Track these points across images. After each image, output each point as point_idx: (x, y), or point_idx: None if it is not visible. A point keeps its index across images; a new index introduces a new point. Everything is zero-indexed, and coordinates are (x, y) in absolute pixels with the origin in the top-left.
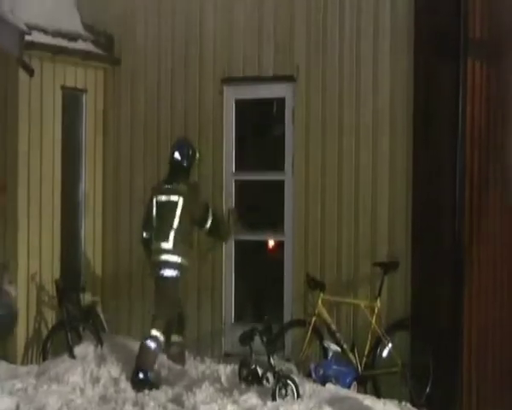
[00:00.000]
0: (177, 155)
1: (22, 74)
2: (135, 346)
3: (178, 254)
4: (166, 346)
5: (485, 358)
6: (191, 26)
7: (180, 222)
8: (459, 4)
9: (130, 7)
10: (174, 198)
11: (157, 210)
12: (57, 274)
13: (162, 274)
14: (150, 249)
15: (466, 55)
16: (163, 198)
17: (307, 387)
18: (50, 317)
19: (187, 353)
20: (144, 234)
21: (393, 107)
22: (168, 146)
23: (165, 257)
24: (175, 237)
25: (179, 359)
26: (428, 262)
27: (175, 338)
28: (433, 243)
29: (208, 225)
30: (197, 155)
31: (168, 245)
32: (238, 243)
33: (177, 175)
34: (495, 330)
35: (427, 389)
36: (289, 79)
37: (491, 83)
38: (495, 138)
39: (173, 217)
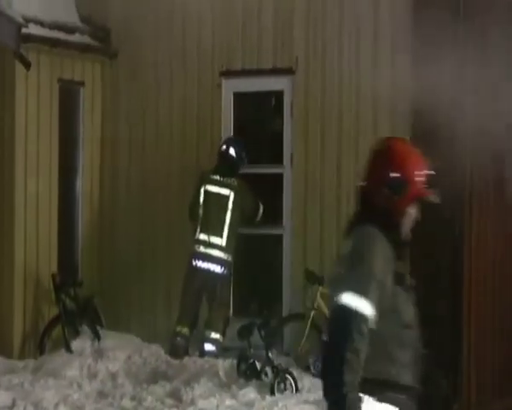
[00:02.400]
0: (232, 151)
1: (19, 67)
2: (133, 340)
3: (229, 252)
4: (173, 336)
5: (485, 353)
6: (189, 19)
7: (232, 217)
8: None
9: (128, 2)
10: (225, 192)
11: (205, 200)
12: (54, 268)
13: (209, 269)
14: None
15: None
16: (213, 189)
17: (306, 381)
18: (47, 311)
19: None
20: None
21: (393, 101)
22: (167, 139)
23: (216, 253)
24: (228, 233)
25: (180, 352)
26: (425, 257)
27: (212, 334)
28: (429, 238)
29: (259, 218)
30: (246, 159)
31: (221, 241)
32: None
33: (227, 170)
34: (496, 325)
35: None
36: (288, 71)
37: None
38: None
39: (225, 211)
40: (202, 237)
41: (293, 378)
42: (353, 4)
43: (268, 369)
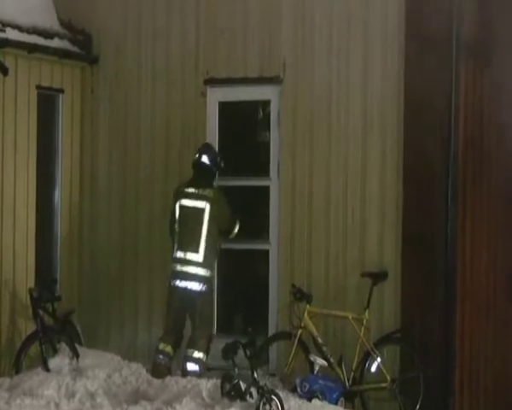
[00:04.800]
0: (205, 158)
1: None
2: (113, 358)
3: (208, 268)
4: (155, 354)
5: (478, 372)
6: (173, 24)
7: (209, 230)
8: (451, 9)
9: (109, 3)
10: (200, 204)
11: (180, 216)
12: (31, 282)
13: (186, 287)
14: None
15: (459, 58)
16: (188, 203)
17: (292, 402)
18: (24, 327)
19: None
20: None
21: (383, 111)
22: (149, 149)
23: (194, 270)
24: (205, 248)
25: (162, 371)
26: (419, 273)
27: (194, 353)
28: (424, 253)
29: (235, 233)
30: (222, 163)
31: (198, 257)
32: (221, 252)
33: (203, 180)
34: (489, 343)
35: (418, 406)
36: (275, 80)
37: (485, 86)
38: (488, 144)
39: (201, 225)
40: (179, 254)
41: (279, 400)
42: (342, 11)
43: (253, 390)
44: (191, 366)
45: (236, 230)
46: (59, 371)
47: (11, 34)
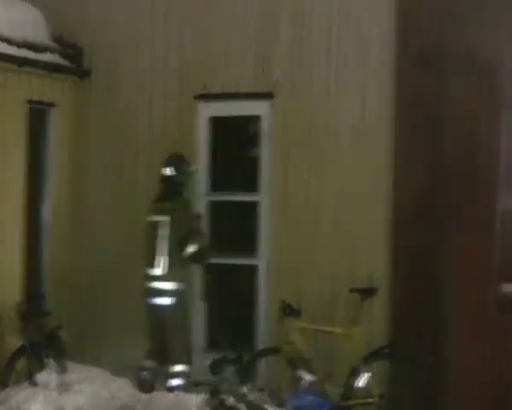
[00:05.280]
0: (167, 170)
1: None
2: (100, 374)
3: (174, 281)
4: (139, 370)
5: (472, 389)
6: (166, 38)
7: (170, 242)
8: (441, 23)
9: (100, 17)
10: (162, 218)
11: (146, 232)
12: (19, 297)
13: (156, 303)
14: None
15: (448, 71)
16: (152, 219)
17: None
18: (11, 342)
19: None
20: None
21: (376, 127)
22: (141, 164)
23: (159, 285)
24: (169, 260)
25: (146, 386)
26: (409, 288)
27: (175, 368)
28: (414, 268)
29: (189, 251)
30: (193, 167)
31: (160, 271)
32: (209, 267)
33: (168, 192)
34: (483, 358)
35: None
36: (267, 96)
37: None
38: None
39: (162, 238)
40: (146, 271)
41: None
42: (337, 27)
43: (241, 405)
44: (174, 382)
45: (190, 250)
46: (46, 386)
47: (0, 47)
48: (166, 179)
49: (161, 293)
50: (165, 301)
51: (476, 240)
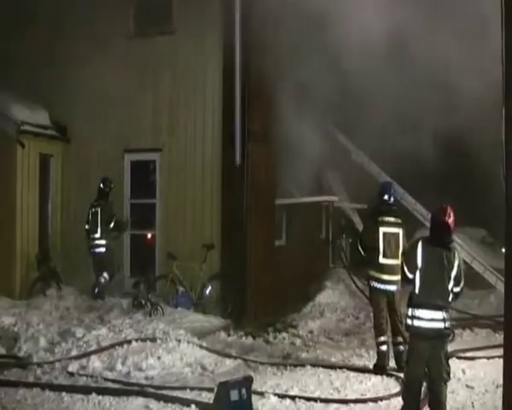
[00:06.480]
0: (101, 185)
1: (18, 148)
2: (80, 292)
3: (104, 239)
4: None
5: (262, 293)
6: (106, 128)
7: (101, 221)
8: (244, 108)
9: (76, 111)
10: (97, 209)
11: (91, 217)
12: (36, 250)
13: (95, 251)
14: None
15: (248, 141)
16: (92, 209)
17: (168, 310)
18: (33, 274)
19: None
20: (86, 226)
21: (211, 173)
22: (92, 183)
23: (97, 241)
24: (101, 230)
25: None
26: (229, 246)
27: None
28: (232, 236)
29: (111, 225)
30: (112, 185)
31: (97, 234)
32: (131, 235)
33: (101, 196)
34: (269, 281)
35: (229, 309)
36: (159, 150)
37: (267, 158)
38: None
39: (98, 217)
40: (90, 235)
41: (161, 308)
42: (190, 113)
43: (148, 303)
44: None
45: (111, 224)
46: (51, 297)
47: (26, 127)
48: (100, 189)
49: (98, 246)
50: (100, 249)
51: (260, 221)
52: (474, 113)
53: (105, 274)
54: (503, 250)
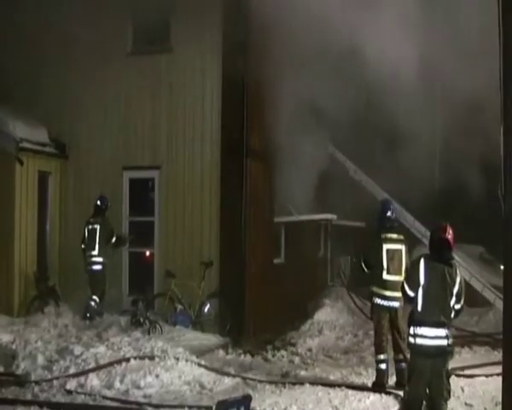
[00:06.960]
0: (98, 202)
1: (17, 165)
2: (77, 309)
3: (101, 257)
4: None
5: (261, 310)
6: (105, 144)
7: (100, 238)
8: (243, 125)
9: (74, 129)
10: (96, 226)
11: (89, 233)
12: (35, 268)
13: (92, 268)
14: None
15: (247, 158)
16: (89, 227)
17: (166, 328)
18: (32, 292)
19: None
20: (82, 246)
21: (211, 192)
22: (90, 200)
23: (94, 259)
24: (99, 247)
25: (98, 315)
26: (228, 264)
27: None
28: (231, 254)
29: (113, 241)
30: (109, 203)
31: (95, 252)
32: (130, 253)
33: (98, 213)
34: (268, 298)
35: (228, 327)
36: (157, 167)
37: (266, 176)
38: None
39: (97, 235)
40: (89, 252)
41: (160, 326)
42: (189, 125)
43: (146, 321)
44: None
45: (113, 240)
46: (49, 314)
47: (25, 144)
48: (97, 206)
49: (95, 263)
50: (97, 267)
51: (259, 239)
52: (472, 129)
53: (94, 297)
54: (502, 268)
